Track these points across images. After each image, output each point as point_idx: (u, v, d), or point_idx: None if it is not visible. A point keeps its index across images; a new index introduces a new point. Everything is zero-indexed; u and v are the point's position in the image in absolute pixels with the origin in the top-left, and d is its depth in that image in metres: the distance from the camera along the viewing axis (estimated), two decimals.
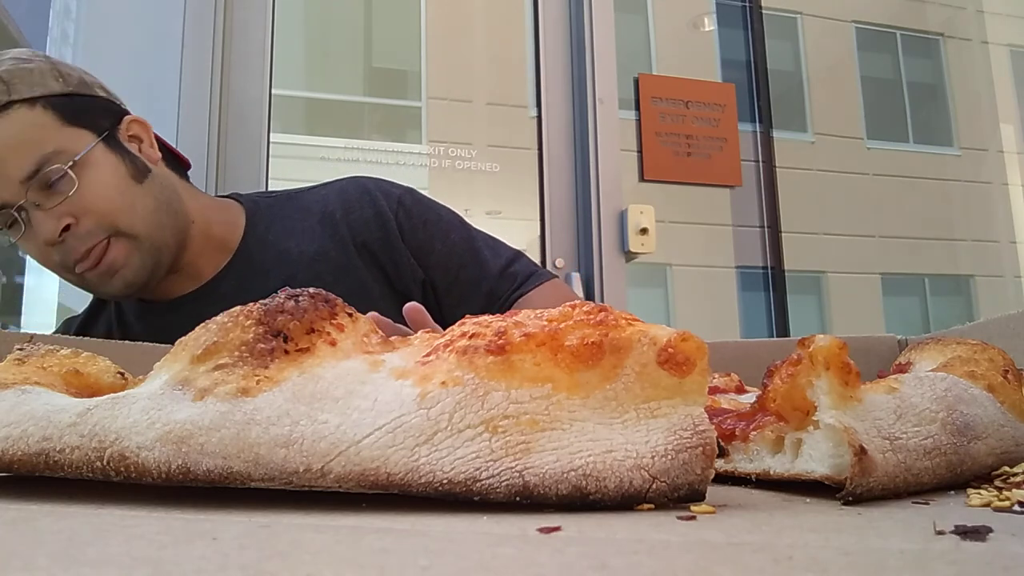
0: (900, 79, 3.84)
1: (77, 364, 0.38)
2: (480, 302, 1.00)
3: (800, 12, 3.56)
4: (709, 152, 2.55)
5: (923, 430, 0.33)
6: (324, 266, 0.98)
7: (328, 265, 0.98)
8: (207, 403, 0.28)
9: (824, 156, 3.42)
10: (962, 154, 3.72)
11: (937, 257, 3.67)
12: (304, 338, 0.31)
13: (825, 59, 3.66)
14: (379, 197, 1.04)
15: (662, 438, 0.28)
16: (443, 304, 1.01)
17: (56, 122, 0.86)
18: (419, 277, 1.00)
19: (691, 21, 3.11)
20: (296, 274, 0.97)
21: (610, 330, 0.29)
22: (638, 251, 2.00)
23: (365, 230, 1.01)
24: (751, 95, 2.84)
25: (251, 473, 0.27)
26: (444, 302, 1.01)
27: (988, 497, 0.30)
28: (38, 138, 0.84)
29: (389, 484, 0.27)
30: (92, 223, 0.86)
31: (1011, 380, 0.39)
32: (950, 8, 3.77)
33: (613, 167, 2.02)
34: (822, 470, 0.32)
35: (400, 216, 1.02)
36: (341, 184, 1.08)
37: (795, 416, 0.34)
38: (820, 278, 3.51)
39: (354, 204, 1.03)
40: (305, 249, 0.99)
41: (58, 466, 0.28)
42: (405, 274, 0.99)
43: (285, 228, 1.02)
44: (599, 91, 2.02)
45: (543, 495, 0.26)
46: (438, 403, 0.28)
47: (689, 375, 0.29)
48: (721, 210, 2.69)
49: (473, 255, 1.03)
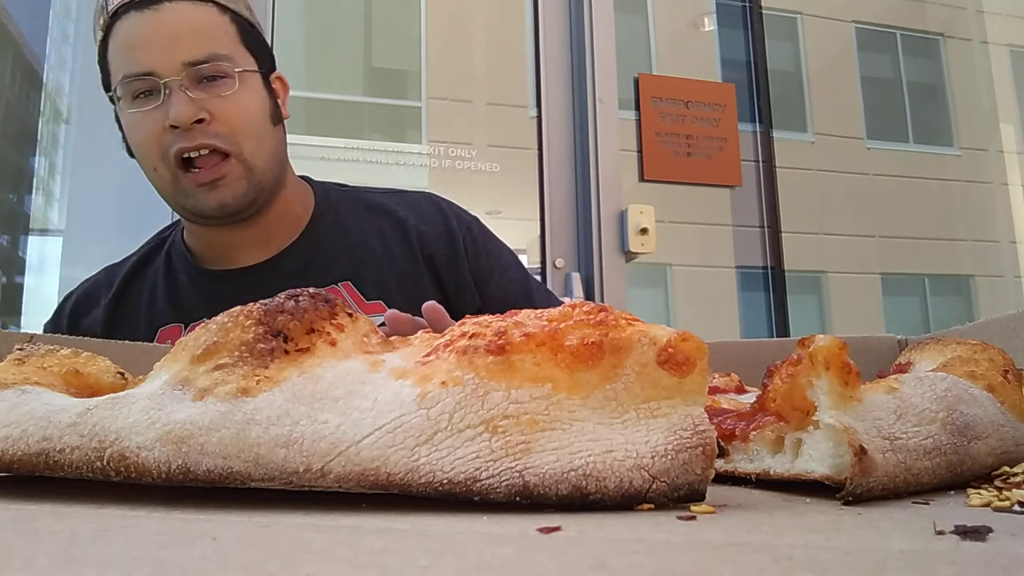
0: (900, 79, 3.84)
1: (77, 364, 0.38)
2: None
3: (800, 12, 3.56)
4: (709, 152, 2.55)
5: (923, 430, 0.33)
6: (389, 269, 0.99)
7: (393, 269, 0.99)
8: (207, 403, 0.28)
9: (824, 156, 3.42)
10: (962, 154, 3.72)
11: (937, 257, 3.67)
12: (304, 338, 0.31)
13: (825, 59, 3.66)
14: (451, 217, 1.06)
15: (662, 438, 0.28)
16: None
17: (236, 37, 0.92)
18: (476, 303, 1.00)
19: (691, 21, 3.11)
20: (359, 270, 0.97)
21: (610, 330, 0.29)
22: (638, 251, 2.00)
23: (435, 244, 1.02)
24: (751, 95, 2.84)
25: (251, 473, 0.27)
26: None
27: (988, 497, 0.30)
28: (218, 36, 0.90)
29: (389, 484, 0.27)
30: (224, 129, 0.88)
31: (1011, 380, 0.39)
32: (950, 8, 3.77)
33: (613, 167, 2.02)
34: (822, 470, 0.32)
35: (467, 240, 1.04)
36: (414, 196, 1.10)
37: (795, 416, 0.34)
38: (820, 278, 3.51)
39: (427, 217, 1.04)
40: (373, 248, 1.00)
41: (58, 466, 0.28)
42: (465, 296, 1.00)
43: (354, 223, 1.02)
44: (599, 91, 2.02)
45: (543, 495, 0.26)
46: (438, 403, 0.28)
47: (689, 375, 0.29)
48: (721, 210, 2.69)
49: (527, 296, 1.05)
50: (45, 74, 2.03)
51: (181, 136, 0.86)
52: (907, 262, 3.64)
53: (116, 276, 1.02)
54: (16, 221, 2.21)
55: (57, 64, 2.01)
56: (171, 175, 0.89)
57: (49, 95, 2.04)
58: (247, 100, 0.91)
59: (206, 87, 0.88)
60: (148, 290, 0.99)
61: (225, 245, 0.97)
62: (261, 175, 0.92)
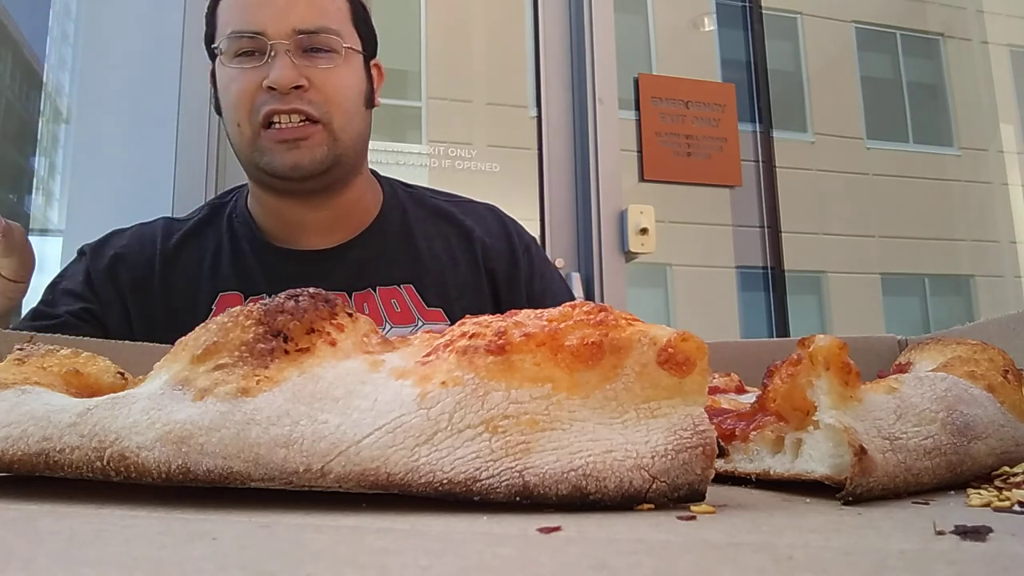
0: (900, 79, 3.84)
1: (77, 364, 0.38)
2: None
3: (800, 12, 3.56)
4: (709, 152, 2.55)
5: (923, 430, 0.33)
6: (452, 278, 0.99)
7: (456, 278, 0.99)
8: (207, 403, 0.28)
9: (824, 156, 3.42)
10: (962, 154, 3.72)
11: (937, 257, 3.67)
12: (304, 338, 0.31)
13: (825, 59, 3.66)
14: (513, 234, 1.06)
15: (662, 438, 0.28)
16: None
17: (347, 15, 0.94)
18: None
19: (691, 21, 3.11)
20: (423, 275, 0.97)
21: (610, 330, 0.29)
22: (638, 251, 2.00)
23: (497, 259, 1.02)
24: (751, 95, 2.84)
25: (251, 473, 0.27)
26: None
27: (988, 497, 0.30)
28: (332, 11, 0.92)
29: (389, 484, 0.27)
30: (319, 98, 0.89)
31: (1011, 380, 0.39)
32: (950, 8, 3.77)
33: (613, 167, 2.02)
34: (822, 470, 0.32)
35: (526, 260, 1.04)
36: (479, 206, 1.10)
37: (795, 416, 0.34)
38: (820, 278, 3.51)
39: (492, 231, 1.05)
40: (438, 254, 1.00)
41: (58, 466, 0.28)
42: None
43: (420, 226, 1.02)
44: (599, 91, 2.02)
45: (543, 495, 0.26)
46: (438, 403, 0.28)
47: (689, 375, 0.29)
48: (721, 210, 2.69)
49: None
50: (45, 74, 2.02)
51: (275, 98, 0.87)
52: (907, 262, 3.64)
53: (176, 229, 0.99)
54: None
55: (57, 64, 2.01)
56: (252, 132, 0.89)
57: (49, 95, 2.04)
58: (347, 76, 0.92)
59: (310, 56, 0.89)
60: (212, 251, 0.97)
61: (292, 223, 0.97)
62: (343, 148, 0.92)
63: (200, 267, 0.95)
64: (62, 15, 1.97)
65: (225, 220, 1.00)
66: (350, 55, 0.92)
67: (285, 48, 0.87)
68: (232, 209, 1.01)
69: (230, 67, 0.90)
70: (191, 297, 0.93)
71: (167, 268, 0.95)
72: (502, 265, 1.02)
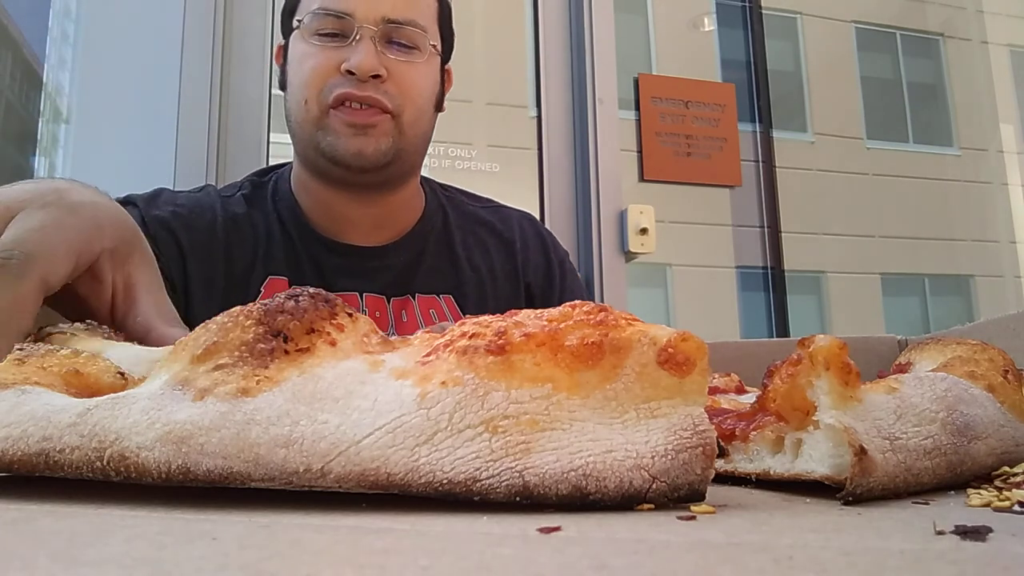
0: (900, 79, 3.84)
1: (77, 364, 0.38)
2: None
3: (800, 12, 3.56)
4: (709, 152, 2.55)
5: (923, 430, 0.33)
6: (491, 290, 0.97)
7: (495, 291, 0.97)
8: (207, 403, 0.28)
9: (824, 156, 3.42)
10: (962, 154, 3.72)
11: (937, 257, 3.67)
12: (304, 338, 0.31)
13: (825, 59, 3.66)
14: (551, 248, 1.04)
15: (662, 438, 0.28)
16: None
17: (435, 14, 0.94)
18: None
19: (691, 21, 3.11)
20: (462, 285, 0.96)
21: (610, 330, 0.29)
22: (638, 251, 2.00)
23: (534, 273, 1.01)
24: (751, 95, 2.84)
25: (251, 473, 0.27)
26: None
27: (988, 497, 0.30)
28: (422, 7, 0.90)
29: (389, 484, 0.27)
30: (394, 90, 0.87)
31: (1011, 380, 0.39)
32: (950, 8, 3.77)
33: (613, 167, 2.02)
34: (822, 470, 0.32)
35: (559, 275, 1.03)
36: (517, 215, 1.08)
37: (795, 416, 0.34)
38: (820, 278, 3.51)
39: (531, 243, 1.03)
40: (477, 265, 0.98)
41: (58, 466, 0.28)
42: None
43: (460, 234, 1.00)
44: (599, 91, 2.02)
45: (543, 495, 0.26)
46: (438, 403, 0.28)
47: (689, 375, 0.29)
48: (721, 210, 2.69)
49: None
50: (45, 74, 2.02)
51: (351, 83, 0.85)
52: (907, 262, 3.64)
53: (230, 200, 0.94)
54: None
55: (57, 64, 2.01)
56: (320, 111, 0.86)
57: (49, 95, 2.04)
58: (425, 74, 0.90)
59: (393, 48, 0.87)
60: (264, 228, 0.93)
61: (339, 215, 0.94)
62: (408, 144, 0.90)
63: (256, 243, 0.92)
64: (62, 15, 1.97)
65: (269, 201, 0.96)
66: (431, 54, 0.91)
67: (371, 34, 0.85)
68: (274, 191, 0.97)
69: (310, 42, 0.87)
70: (246, 272, 0.90)
71: (231, 237, 0.91)
72: (539, 280, 1.00)
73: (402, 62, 0.87)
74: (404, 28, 0.87)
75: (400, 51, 0.88)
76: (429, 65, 0.91)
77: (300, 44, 0.88)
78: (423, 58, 0.89)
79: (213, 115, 1.68)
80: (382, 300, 0.93)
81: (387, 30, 0.86)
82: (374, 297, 0.93)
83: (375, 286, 0.93)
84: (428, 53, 0.90)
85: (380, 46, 0.86)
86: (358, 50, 0.85)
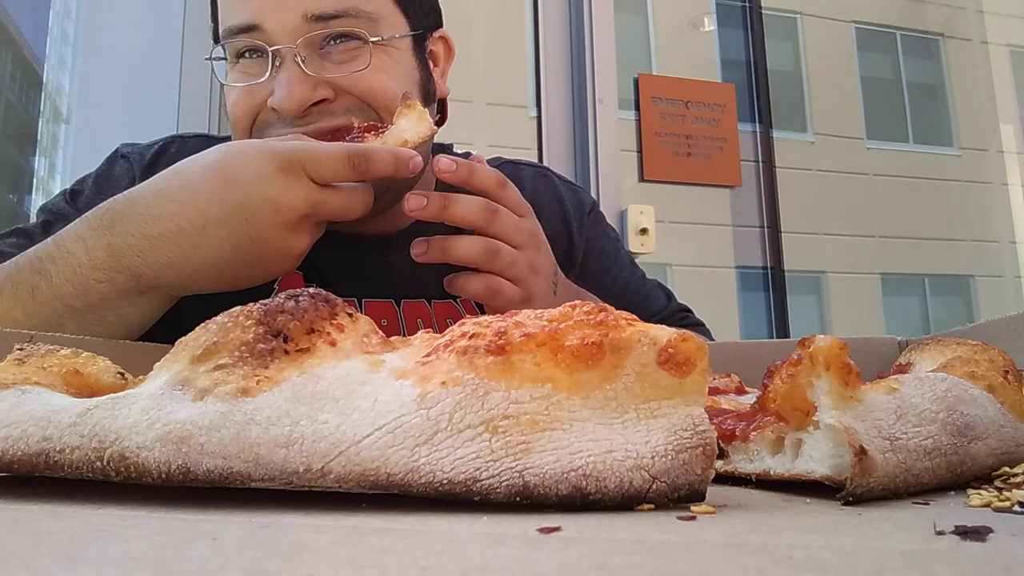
0: (900, 79, 3.84)
1: (77, 364, 0.38)
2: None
3: (800, 12, 3.56)
4: (709, 152, 2.55)
5: (923, 430, 0.33)
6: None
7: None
8: (207, 403, 0.28)
9: (824, 156, 3.42)
10: (962, 154, 3.72)
11: (937, 257, 3.67)
12: (304, 338, 0.31)
13: (825, 59, 3.66)
14: (570, 211, 0.90)
15: (662, 438, 0.28)
16: None
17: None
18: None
19: (691, 21, 3.11)
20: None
21: (610, 330, 0.29)
22: (638, 251, 2.00)
23: (552, 245, 0.82)
24: (751, 95, 2.84)
25: (251, 473, 0.27)
26: None
27: (988, 497, 0.30)
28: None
29: (389, 484, 0.27)
30: (352, 103, 0.70)
31: (1011, 381, 0.39)
32: (950, 8, 3.77)
33: (613, 167, 2.02)
34: (822, 470, 0.32)
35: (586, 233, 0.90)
36: (530, 173, 0.92)
37: (795, 416, 0.34)
38: (820, 278, 3.51)
39: (544, 209, 0.85)
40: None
41: (58, 466, 0.28)
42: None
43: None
44: (599, 91, 2.02)
45: (543, 495, 0.26)
46: (438, 403, 0.28)
47: (689, 375, 0.29)
48: (721, 210, 2.69)
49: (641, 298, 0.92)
50: (45, 74, 2.03)
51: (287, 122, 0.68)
52: (907, 262, 3.64)
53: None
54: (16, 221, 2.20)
55: (57, 64, 2.01)
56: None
57: (49, 95, 2.04)
58: (386, 76, 0.70)
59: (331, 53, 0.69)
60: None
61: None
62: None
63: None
64: (62, 15, 1.97)
65: None
66: (387, 45, 0.71)
67: (293, 53, 0.67)
68: None
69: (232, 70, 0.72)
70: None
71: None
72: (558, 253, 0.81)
73: (348, 72, 0.68)
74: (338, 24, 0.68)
75: (341, 54, 0.69)
76: (391, 59, 0.71)
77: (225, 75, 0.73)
78: (376, 56, 0.70)
79: (213, 115, 1.68)
80: (391, 304, 0.83)
81: (314, 35, 0.67)
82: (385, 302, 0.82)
83: (398, 271, 0.80)
84: (383, 41, 0.70)
85: (312, 61, 0.68)
86: (279, 79, 0.67)
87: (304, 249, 0.62)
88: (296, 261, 0.64)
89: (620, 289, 0.92)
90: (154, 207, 0.60)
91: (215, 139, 0.88)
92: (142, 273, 0.60)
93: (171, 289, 0.63)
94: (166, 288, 0.63)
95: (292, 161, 0.59)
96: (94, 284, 0.60)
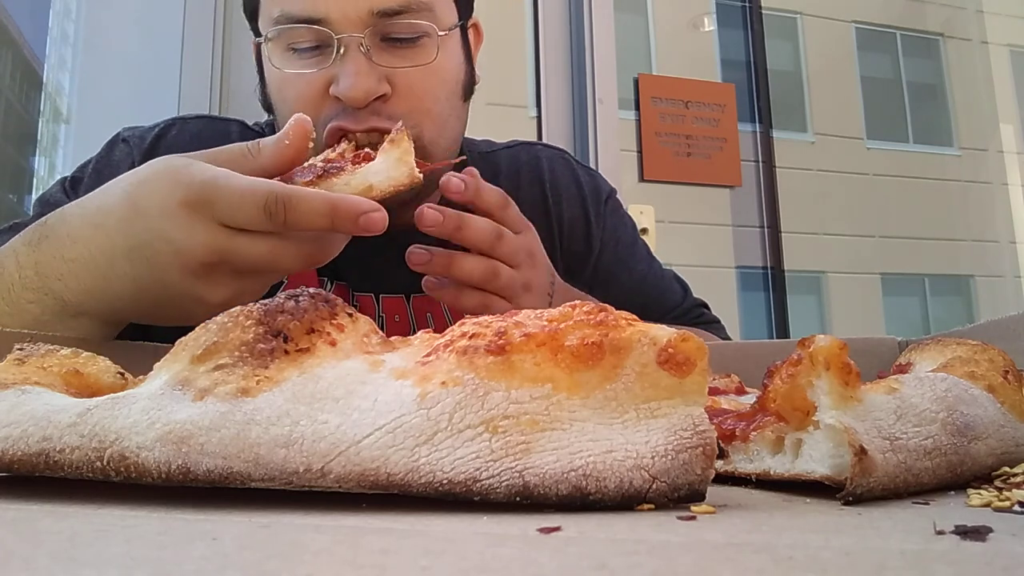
0: (900, 79, 3.84)
1: (77, 364, 0.38)
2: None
3: (800, 12, 3.56)
4: (709, 152, 2.55)
5: (923, 430, 0.33)
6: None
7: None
8: (207, 403, 0.28)
9: (824, 156, 3.42)
10: (962, 154, 3.72)
11: (937, 257, 3.67)
12: (304, 338, 0.31)
13: (825, 59, 3.66)
14: (588, 196, 0.87)
15: (662, 438, 0.28)
16: None
17: None
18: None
19: (691, 21, 3.11)
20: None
21: (610, 330, 0.29)
22: None
23: (570, 232, 0.83)
24: (751, 95, 2.84)
25: (251, 473, 0.27)
26: None
27: (988, 497, 0.30)
28: None
29: (389, 484, 0.27)
30: (405, 108, 0.67)
31: (1011, 381, 0.39)
32: (950, 8, 3.77)
33: (613, 167, 2.02)
34: (822, 470, 0.32)
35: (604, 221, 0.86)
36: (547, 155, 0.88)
37: (795, 416, 0.34)
38: (820, 278, 3.51)
39: (563, 192, 0.84)
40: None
41: (58, 466, 0.28)
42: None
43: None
44: (599, 91, 2.02)
45: (543, 495, 0.26)
46: (438, 403, 0.28)
47: (689, 375, 0.29)
48: (721, 210, 2.69)
49: (659, 292, 0.89)
50: (45, 74, 2.02)
51: (346, 113, 0.66)
52: (907, 262, 3.64)
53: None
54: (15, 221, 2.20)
55: (57, 64, 2.01)
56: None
57: (49, 95, 2.04)
58: (444, 69, 0.69)
59: (394, 48, 0.67)
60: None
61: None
62: (433, 161, 0.70)
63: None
64: (62, 15, 1.97)
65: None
66: (447, 38, 0.69)
67: (358, 42, 0.65)
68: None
69: (284, 60, 0.68)
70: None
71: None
72: (577, 242, 0.82)
73: (411, 69, 0.68)
74: (403, 18, 0.66)
75: (405, 49, 0.68)
76: (447, 52, 0.70)
77: (272, 67, 0.70)
78: (437, 49, 0.68)
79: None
80: (401, 299, 0.81)
81: (380, 27, 0.66)
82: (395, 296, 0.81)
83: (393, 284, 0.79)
84: (442, 35, 0.69)
85: (376, 54, 0.66)
86: (346, 69, 0.65)
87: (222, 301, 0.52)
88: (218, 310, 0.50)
89: (637, 283, 0.89)
90: (75, 228, 0.54)
91: (217, 120, 0.88)
92: (65, 298, 0.54)
93: (101, 316, 0.56)
94: (94, 315, 0.56)
95: (200, 198, 0.50)
96: (25, 304, 0.55)
